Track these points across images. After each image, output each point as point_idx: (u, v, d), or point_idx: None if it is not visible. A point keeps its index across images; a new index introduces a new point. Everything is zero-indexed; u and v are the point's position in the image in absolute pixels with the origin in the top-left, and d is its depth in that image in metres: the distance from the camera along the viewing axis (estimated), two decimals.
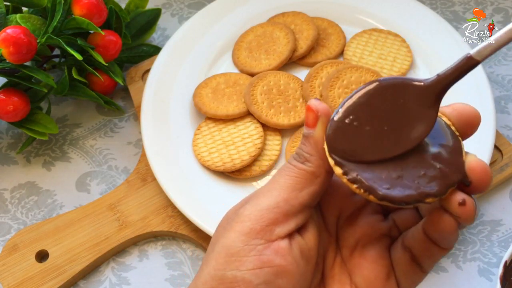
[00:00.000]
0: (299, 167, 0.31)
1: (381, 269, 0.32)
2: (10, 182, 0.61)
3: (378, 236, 0.33)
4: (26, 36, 0.54)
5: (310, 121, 0.31)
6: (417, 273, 0.33)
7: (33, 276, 0.53)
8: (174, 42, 0.65)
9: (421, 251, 0.31)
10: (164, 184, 0.55)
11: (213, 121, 0.59)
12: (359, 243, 0.33)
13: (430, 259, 0.32)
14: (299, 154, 0.31)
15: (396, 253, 0.33)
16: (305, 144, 0.31)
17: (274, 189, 0.31)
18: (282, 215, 0.30)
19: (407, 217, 0.34)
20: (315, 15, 0.66)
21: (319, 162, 0.31)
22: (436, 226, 0.29)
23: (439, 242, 0.31)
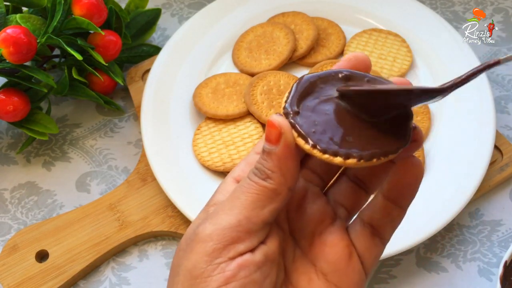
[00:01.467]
0: (261, 184, 0.30)
1: (343, 250, 0.33)
2: (10, 182, 0.61)
3: (331, 220, 0.34)
4: (26, 36, 0.54)
5: (272, 137, 0.30)
6: (378, 245, 0.34)
7: (33, 276, 0.53)
8: (174, 42, 0.65)
9: (382, 217, 0.33)
10: (164, 184, 0.55)
11: (213, 121, 0.59)
12: (316, 232, 0.34)
13: (390, 224, 0.33)
14: (260, 170, 0.31)
15: (355, 232, 0.34)
16: (266, 160, 0.31)
17: (235, 207, 0.31)
18: (244, 233, 0.30)
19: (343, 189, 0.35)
20: (315, 15, 0.66)
21: (281, 179, 0.30)
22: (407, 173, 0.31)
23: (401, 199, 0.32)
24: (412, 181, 0.32)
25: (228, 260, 0.30)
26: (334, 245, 0.33)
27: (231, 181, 0.34)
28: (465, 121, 0.57)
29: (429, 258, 0.53)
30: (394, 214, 0.33)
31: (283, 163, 0.30)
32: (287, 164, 0.30)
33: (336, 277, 0.33)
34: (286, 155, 0.30)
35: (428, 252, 0.53)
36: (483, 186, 0.55)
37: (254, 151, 0.35)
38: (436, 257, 0.53)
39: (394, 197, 0.32)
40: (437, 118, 0.58)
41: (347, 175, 0.35)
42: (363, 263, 0.33)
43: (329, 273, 0.33)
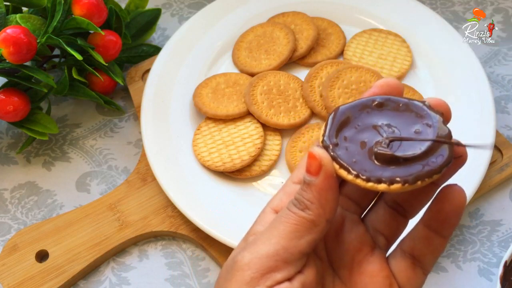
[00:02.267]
0: (299, 215, 0.31)
1: (383, 281, 0.33)
2: (10, 182, 0.61)
3: (370, 249, 0.34)
4: (26, 36, 0.54)
5: (313, 169, 0.30)
6: (419, 275, 0.33)
7: (33, 276, 0.53)
8: (174, 42, 0.65)
9: (423, 247, 0.32)
10: (164, 184, 0.55)
11: (213, 121, 0.59)
12: (355, 261, 0.34)
13: (432, 254, 0.33)
14: (300, 201, 0.31)
15: (396, 262, 0.34)
16: (306, 191, 0.31)
17: (273, 237, 0.31)
18: (282, 262, 0.30)
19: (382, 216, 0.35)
20: (315, 15, 0.66)
21: (320, 211, 0.30)
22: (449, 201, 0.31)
23: (443, 229, 0.32)
24: (454, 209, 0.31)
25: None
26: (374, 275, 0.33)
27: (270, 211, 0.34)
28: (465, 121, 0.57)
29: None
30: (436, 243, 0.32)
31: (323, 195, 0.30)
32: (327, 196, 0.30)
33: None
34: (326, 187, 0.30)
35: None
36: (483, 186, 0.55)
37: (292, 181, 0.35)
38: None
39: (436, 226, 0.32)
40: None
41: (385, 201, 0.35)
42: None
43: None
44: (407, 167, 0.29)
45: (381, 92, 0.33)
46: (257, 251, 0.31)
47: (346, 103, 0.32)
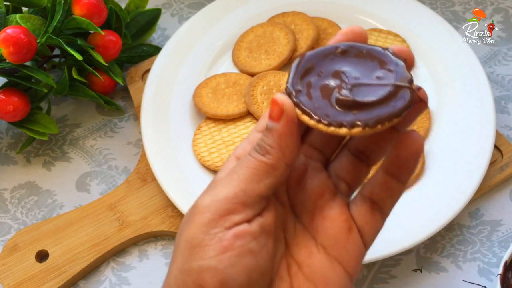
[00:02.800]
0: (259, 159, 0.32)
1: (342, 224, 0.34)
2: (10, 182, 0.61)
3: (331, 195, 0.35)
4: (26, 36, 0.54)
5: (274, 114, 0.31)
6: (377, 219, 0.34)
7: (33, 276, 0.53)
8: (174, 42, 0.65)
9: (382, 191, 0.34)
10: (164, 184, 0.55)
11: (213, 121, 0.59)
12: (316, 206, 0.35)
13: (390, 199, 0.34)
14: (261, 146, 0.32)
15: (356, 207, 0.35)
16: (267, 137, 0.32)
17: (233, 180, 0.32)
18: (240, 205, 0.31)
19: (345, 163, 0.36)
20: (315, 15, 0.66)
21: (279, 155, 0.31)
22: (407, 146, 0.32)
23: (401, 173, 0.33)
24: (411, 155, 0.32)
25: (224, 230, 0.31)
26: (334, 219, 0.34)
27: (233, 159, 0.35)
28: (465, 121, 0.57)
29: (429, 258, 0.53)
30: (394, 188, 0.34)
31: (283, 139, 0.31)
32: (287, 141, 0.31)
33: (336, 250, 0.34)
34: (286, 131, 0.31)
35: (428, 252, 0.53)
36: (483, 186, 0.55)
37: (256, 130, 0.35)
38: (436, 257, 0.53)
39: (394, 171, 0.33)
40: (437, 118, 0.58)
41: (348, 149, 0.36)
42: (363, 237, 0.34)
43: (329, 246, 0.34)
44: (368, 111, 0.30)
45: (346, 39, 0.34)
46: (217, 194, 0.32)
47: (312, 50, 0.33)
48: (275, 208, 0.34)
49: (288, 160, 0.32)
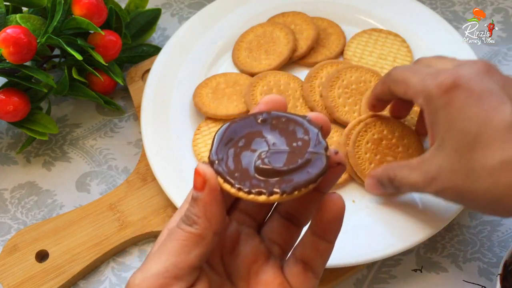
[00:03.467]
0: (187, 230, 0.32)
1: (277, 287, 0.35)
2: (10, 182, 0.61)
3: (265, 259, 0.36)
4: (26, 36, 0.54)
5: (198, 184, 0.32)
6: (310, 279, 0.35)
7: (33, 276, 0.53)
8: (174, 42, 0.65)
9: (312, 252, 0.35)
10: (164, 184, 0.55)
11: (213, 121, 0.59)
12: (251, 272, 0.35)
13: (320, 259, 0.35)
14: (188, 217, 0.32)
15: (289, 269, 0.36)
16: (193, 207, 0.32)
17: (162, 254, 0.32)
18: (172, 279, 0.31)
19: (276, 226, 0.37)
20: (315, 15, 0.66)
21: (206, 224, 0.32)
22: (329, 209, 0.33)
23: (327, 234, 0.34)
24: (334, 217, 0.33)
25: None
26: (269, 283, 0.35)
27: (166, 231, 0.35)
28: None
29: (429, 258, 0.53)
30: (322, 248, 0.35)
31: (208, 208, 0.32)
32: (212, 209, 0.32)
33: None
34: (211, 200, 0.32)
35: (428, 252, 0.53)
36: None
37: (186, 202, 0.36)
38: (436, 257, 0.53)
39: (320, 232, 0.34)
40: None
41: (278, 212, 0.37)
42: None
43: None
44: (286, 178, 0.31)
45: (267, 108, 0.35)
46: (148, 270, 0.32)
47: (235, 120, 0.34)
48: (207, 277, 0.34)
49: (215, 228, 0.32)
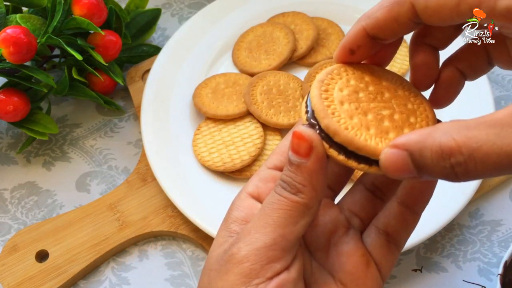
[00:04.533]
0: (292, 199, 0.30)
1: (360, 259, 0.33)
2: (10, 182, 0.61)
3: (345, 230, 0.34)
4: (26, 36, 0.54)
5: (302, 150, 0.29)
6: (393, 252, 0.34)
7: (33, 276, 0.53)
8: (174, 42, 0.65)
9: (397, 223, 0.33)
10: (164, 184, 0.55)
11: (213, 121, 0.59)
12: (330, 243, 0.34)
13: (405, 231, 0.33)
14: (290, 184, 0.30)
15: (371, 240, 0.34)
16: (296, 174, 0.30)
17: (268, 225, 0.30)
18: (280, 251, 0.30)
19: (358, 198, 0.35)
20: (315, 15, 0.66)
21: (313, 193, 0.30)
22: None
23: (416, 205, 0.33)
24: (426, 186, 0.32)
25: (266, 281, 0.29)
26: (351, 255, 0.33)
27: (246, 196, 0.33)
28: None
29: (429, 258, 0.53)
30: (409, 219, 0.33)
31: (314, 176, 0.30)
32: (318, 178, 0.30)
33: (355, 286, 0.33)
34: (317, 168, 0.29)
35: (428, 252, 0.53)
36: (483, 186, 0.55)
37: (266, 166, 0.34)
38: (436, 257, 0.53)
39: (409, 203, 0.33)
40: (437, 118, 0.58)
41: (363, 183, 0.35)
42: (380, 270, 0.34)
43: (348, 282, 0.33)
44: None
45: None
46: (254, 242, 0.30)
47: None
48: (301, 249, 0.33)
49: (321, 196, 0.30)
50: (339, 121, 0.29)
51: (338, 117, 0.29)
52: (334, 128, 0.28)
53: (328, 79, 0.30)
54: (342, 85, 0.30)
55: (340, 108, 0.29)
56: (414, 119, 0.30)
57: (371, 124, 0.29)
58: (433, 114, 0.30)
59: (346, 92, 0.30)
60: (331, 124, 0.28)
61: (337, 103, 0.29)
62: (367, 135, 0.28)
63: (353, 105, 0.29)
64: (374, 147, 0.28)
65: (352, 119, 0.29)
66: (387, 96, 0.30)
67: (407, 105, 0.30)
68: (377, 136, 0.29)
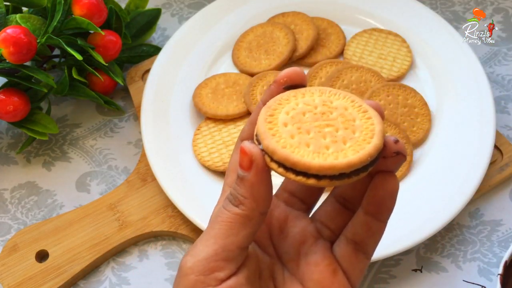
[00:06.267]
0: (233, 211, 0.32)
1: (326, 268, 0.34)
2: (10, 182, 0.61)
3: (314, 240, 0.36)
4: (26, 36, 0.54)
5: (244, 164, 0.31)
6: (362, 260, 0.35)
7: (33, 276, 0.53)
8: (174, 42, 0.65)
9: (364, 232, 0.34)
10: (164, 184, 0.55)
11: (213, 121, 0.59)
12: (300, 253, 0.35)
13: (372, 239, 0.34)
14: (234, 196, 0.32)
15: (339, 249, 0.35)
16: (240, 186, 0.31)
17: (210, 237, 0.32)
18: (222, 261, 0.31)
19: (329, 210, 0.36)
20: (315, 15, 0.66)
21: (253, 205, 0.31)
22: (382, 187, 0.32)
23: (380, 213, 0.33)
24: (387, 194, 0.33)
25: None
26: (318, 264, 0.35)
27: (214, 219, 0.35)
28: (465, 121, 0.57)
29: (429, 258, 0.53)
30: (375, 228, 0.34)
31: (255, 188, 0.31)
32: (259, 190, 0.31)
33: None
34: (258, 180, 0.31)
35: (428, 252, 0.53)
36: (483, 186, 0.55)
37: (228, 185, 0.36)
38: (436, 257, 0.53)
39: (373, 211, 0.33)
40: (437, 118, 0.58)
41: (334, 196, 0.37)
42: (349, 278, 0.35)
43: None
44: None
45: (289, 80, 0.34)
46: (198, 254, 0.32)
47: None
48: (256, 256, 0.34)
49: (262, 208, 0.32)
50: (279, 141, 0.30)
51: (278, 137, 0.31)
52: (272, 148, 0.30)
53: (276, 104, 0.32)
54: (289, 108, 0.32)
55: (282, 129, 0.31)
56: (359, 133, 0.31)
57: (311, 142, 0.30)
58: (380, 127, 0.31)
59: (291, 114, 0.31)
60: (270, 144, 0.30)
61: (281, 125, 0.31)
62: (305, 152, 0.30)
63: (296, 126, 0.31)
64: (309, 162, 0.29)
65: (293, 138, 0.31)
66: (334, 115, 0.32)
67: (355, 121, 0.31)
68: (315, 152, 0.30)
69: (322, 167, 0.29)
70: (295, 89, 0.33)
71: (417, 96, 0.58)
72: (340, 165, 0.29)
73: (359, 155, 0.30)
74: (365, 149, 0.30)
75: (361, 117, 0.32)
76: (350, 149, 0.30)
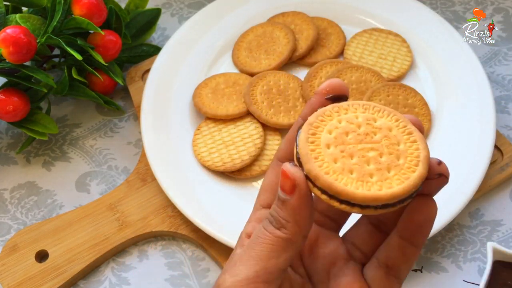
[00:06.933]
0: (276, 234, 0.31)
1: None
2: (10, 182, 0.61)
3: (344, 262, 0.35)
4: (26, 36, 0.54)
5: (287, 188, 0.30)
6: (393, 284, 0.34)
7: (33, 276, 0.53)
8: (174, 42, 0.65)
9: (397, 256, 0.33)
10: (164, 184, 0.55)
11: (213, 121, 0.59)
12: (330, 274, 0.35)
13: (405, 264, 0.33)
14: (275, 219, 0.31)
15: (371, 272, 0.34)
16: (281, 209, 0.31)
17: (251, 258, 0.31)
18: (262, 283, 0.31)
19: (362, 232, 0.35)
20: (315, 15, 0.66)
21: (296, 229, 0.31)
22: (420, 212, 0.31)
23: (415, 238, 0.32)
24: (425, 220, 0.32)
25: None
26: (349, 286, 0.34)
27: (245, 237, 0.34)
28: (465, 121, 0.57)
29: (429, 258, 0.53)
30: (409, 252, 0.33)
31: (298, 212, 0.30)
32: (302, 214, 0.30)
33: None
34: (301, 205, 0.30)
35: (428, 252, 0.53)
36: (483, 186, 0.55)
37: (260, 205, 0.35)
38: (436, 257, 0.53)
39: (408, 236, 0.32)
40: (437, 118, 0.58)
41: (368, 217, 0.36)
42: None
43: None
44: None
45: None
46: (238, 274, 0.31)
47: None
48: (290, 278, 0.34)
49: (305, 232, 0.31)
50: (322, 165, 0.29)
51: (321, 161, 0.30)
52: (315, 173, 0.29)
53: (318, 121, 0.31)
54: (331, 127, 0.31)
55: (325, 151, 0.30)
56: (403, 159, 0.30)
57: (354, 168, 0.30)
58: (426, 153, 0.30)
59: (334, 134, 0.31)
60: (313, 169, 0.29)
61: (323, 146, 0.30)
62: (348, 179, 0.29)
63: (339, 148, 0.30)
64: (353, 192, 0.29)
65: (336, 162, 0.30)
66: (378, 137, 0.31)
67: (399, 145, 0.30)
68: (359, 180, 0.29)
69: (366, 198, 0.29)
70: (337, 101, 0.32)
71: (417, 96, 0.58)
72: (384, 196, 0.29)
73: (404, 186, 0.29)
74: (410, 179, 0.29)
75: (405, 140, 0.31)
76: (395, 178, 0.29)
